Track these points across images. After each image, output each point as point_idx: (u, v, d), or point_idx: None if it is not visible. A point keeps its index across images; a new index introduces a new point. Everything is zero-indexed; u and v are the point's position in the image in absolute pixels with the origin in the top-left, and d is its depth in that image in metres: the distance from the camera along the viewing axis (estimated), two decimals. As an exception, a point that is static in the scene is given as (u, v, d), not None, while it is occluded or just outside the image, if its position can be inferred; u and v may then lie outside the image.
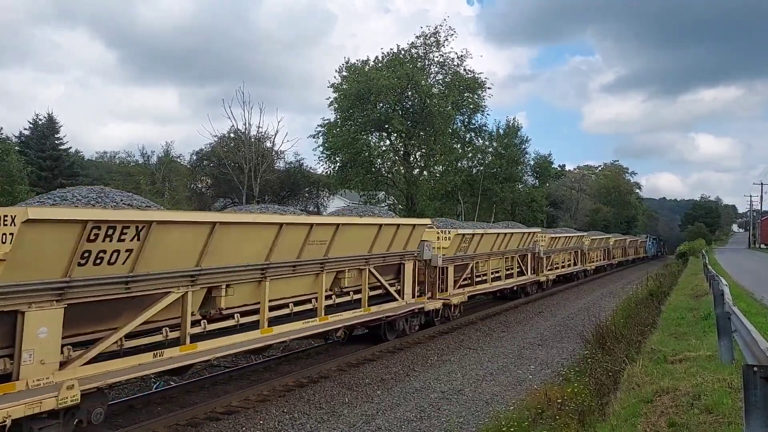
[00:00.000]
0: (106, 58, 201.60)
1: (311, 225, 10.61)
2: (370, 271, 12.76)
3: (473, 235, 17.58)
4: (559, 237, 29.99)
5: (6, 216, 6.55)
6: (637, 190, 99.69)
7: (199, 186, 41.18)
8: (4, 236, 6.52)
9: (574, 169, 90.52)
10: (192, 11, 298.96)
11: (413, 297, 14.59)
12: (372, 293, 13.03)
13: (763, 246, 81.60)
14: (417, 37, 41.19)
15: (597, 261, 40.59)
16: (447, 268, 16.46)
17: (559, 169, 77.21)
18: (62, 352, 7.08)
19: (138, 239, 7.51)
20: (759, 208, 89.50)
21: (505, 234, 20.62)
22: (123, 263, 7.49)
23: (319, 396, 10.40)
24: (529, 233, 23.79)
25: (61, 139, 41.21)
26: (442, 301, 16.16)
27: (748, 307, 13.42)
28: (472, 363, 13.10)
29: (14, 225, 6.46)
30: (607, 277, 40.51)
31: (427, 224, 15.09)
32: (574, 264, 33.92)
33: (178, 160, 43.18)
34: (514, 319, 19.82)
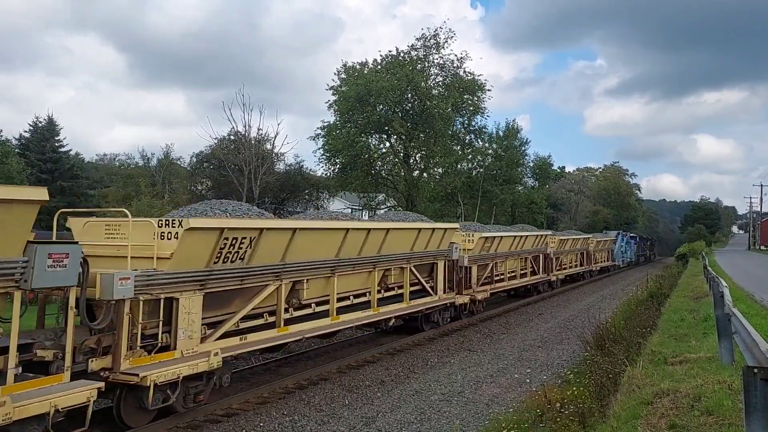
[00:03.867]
0: (116, 63, 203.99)
1: (369, 230, 13.34)
2: (410, 269, 15.48)
3: (494, 237, 20.42)
4: (568, 239, 33.11)
5: (174, 220, 9.15)
6: (637, 192, 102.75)
7: (199, 188, 42.91)
8: (169, 234, 9.10)
9: (574, 170, 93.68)
10: (202, 17, 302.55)
11: (444, 293, 17.31)
12: (411, 289, 15.71)
13: (763, 247, 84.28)
14: (417, 39, 42.66)
15: (601, 262, 43.82)
16: (471, 267, 19.23)
17: (558, 170, 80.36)
18: (201, 330, 9.69)
19: (251, 244, 10.17)
20: (759, 209, 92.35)
21: (521, 236, 23.59)
22: (241, 259, 10.15)
23: (319, 398, 10.95)
24: (542, 235, 26.84)
25: (61, 141, 42.49)
26: (469, 296, 18.96)
27: (748, 308, 14.15)
28: (472, 365, 13.75)
29: (178, 227, 9.05)
30: (610, 279, 43.26)
31: (456, 228, 17.87)
32: (581, 265, 37.01)
33: (178, 162, 45.05)
34: (514, 320, 20.88)
